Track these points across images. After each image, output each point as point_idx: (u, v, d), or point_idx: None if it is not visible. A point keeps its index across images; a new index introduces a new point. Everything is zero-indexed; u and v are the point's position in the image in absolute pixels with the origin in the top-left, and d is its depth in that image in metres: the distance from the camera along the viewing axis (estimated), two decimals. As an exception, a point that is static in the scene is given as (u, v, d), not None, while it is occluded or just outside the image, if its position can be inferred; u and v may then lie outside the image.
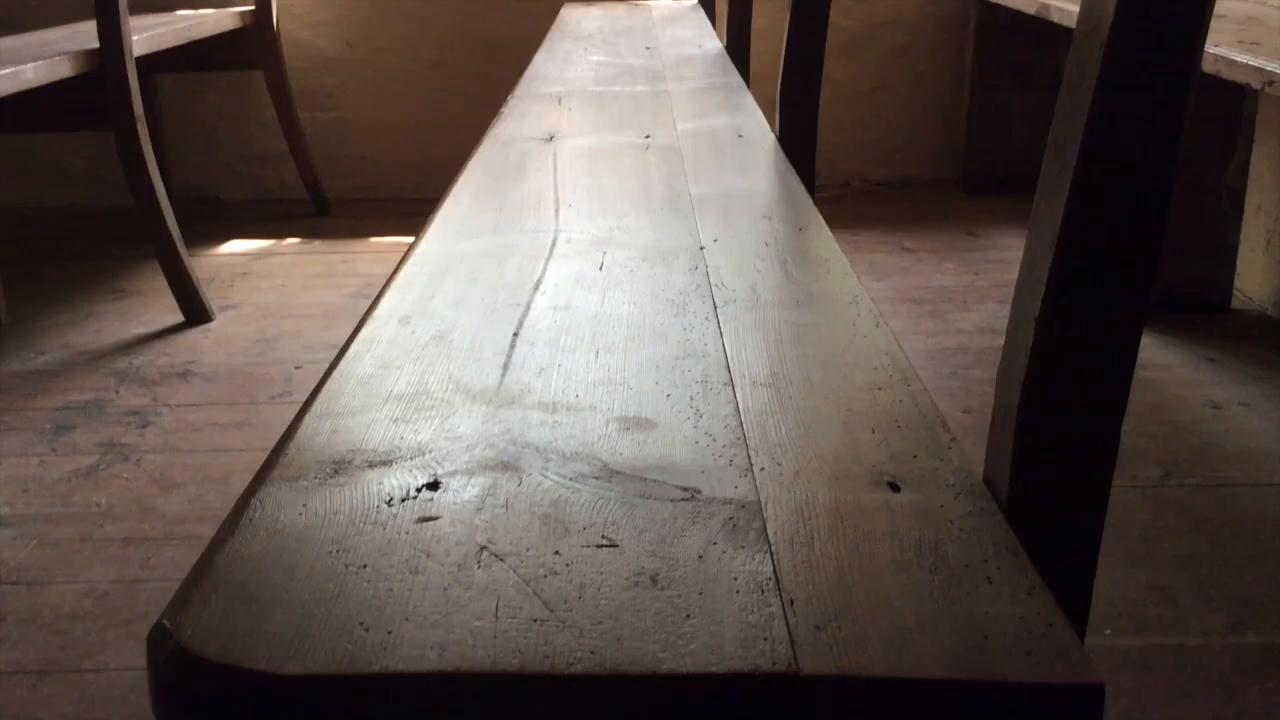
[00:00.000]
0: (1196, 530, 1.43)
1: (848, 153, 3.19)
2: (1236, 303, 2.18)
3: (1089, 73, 0.51)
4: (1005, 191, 3.00)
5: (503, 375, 0.68)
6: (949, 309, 2.26)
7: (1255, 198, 2.18)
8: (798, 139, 1.54)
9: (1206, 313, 2.12)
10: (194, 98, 3.12)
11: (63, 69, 1.99)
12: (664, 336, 0.75)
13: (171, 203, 2.23)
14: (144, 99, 2.19)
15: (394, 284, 0.85)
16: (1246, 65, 1.65)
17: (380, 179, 3.22)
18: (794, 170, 1.25)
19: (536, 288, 0.84)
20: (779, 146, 1.37)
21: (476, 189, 1.16)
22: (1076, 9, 0.57)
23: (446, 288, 0.84)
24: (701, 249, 0.95)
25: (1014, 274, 0.57)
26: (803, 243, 0.98)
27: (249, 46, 2.86)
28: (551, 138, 1.42)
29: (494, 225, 1.02)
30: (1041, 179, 0.52)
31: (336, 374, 0.67)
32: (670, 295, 0.83)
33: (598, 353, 0.72)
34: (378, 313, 0.78)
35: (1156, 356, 1.96)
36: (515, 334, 0.75)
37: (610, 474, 0.55)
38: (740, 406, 0.63)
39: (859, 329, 0.76)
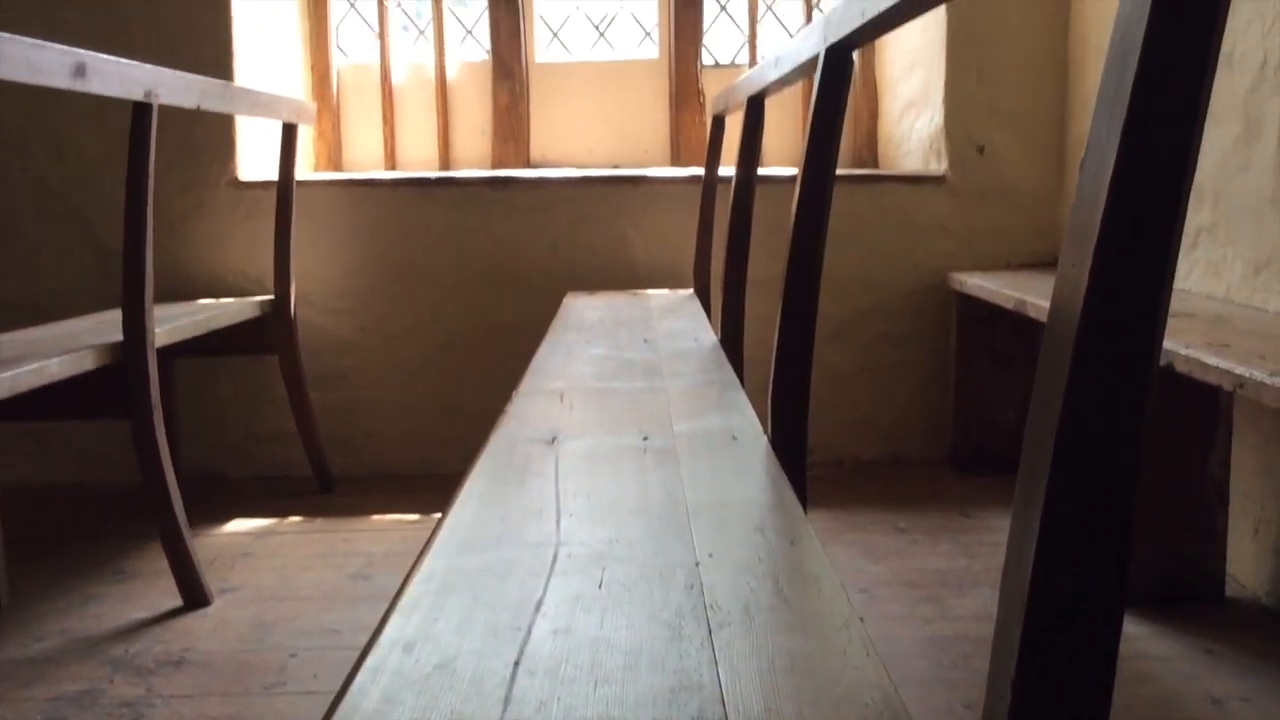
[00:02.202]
0: (1208, 839, 1.40)
1: (839, 432, 3.27)
2: (1232, 590, 2.19)
3: (1059, 376, 0.57)
4: (994, 471, 3.06)
5: (504, 710, 0.70)
6: (946, 594, 2.27)
7: (1240, 485, 2.23)
8: (789, 429, 1.59)
9: (1201, 601, 2.12)
10: (208, 380, 3.23)
11: (86, 362, 2.08)
12: (661, 665, 0.77)
13: (179, 481, 2.28)
14: (160, 385, 2.27)
15: (399, 606, 0.88)
16: (1217, 368, 1.73)
17: (386, 456, 3.29)
18: (785, 476, 1.30)
19: (538, 609, 0.87)
20: (771, 450, 1.43)
21: (481, 496, 1.21)
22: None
23: (450, 608, 0.87)
24: (697, 564, 0.98)
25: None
26: (794, 558, 1.01)
27: (266, 333, 2.99)
28: (554, 439, 1.48)
29: (497, 537, 1.06)
30: (1007, 562, 0.57)
31: (341, 711, 0.69)
32: (667, 617, 0.86)
33: (596, 684, 0.74)
34: (383, 639, 0.81)
35: (1153, 647, 1.96)
36: (516, 662, 0.77)
37: (607, 826, 0.57)
38: (734, 747, 0.65)
39: (850, 658, 0.78)
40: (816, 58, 1.52)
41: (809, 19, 3.66)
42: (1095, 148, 0.57)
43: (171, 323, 2.48)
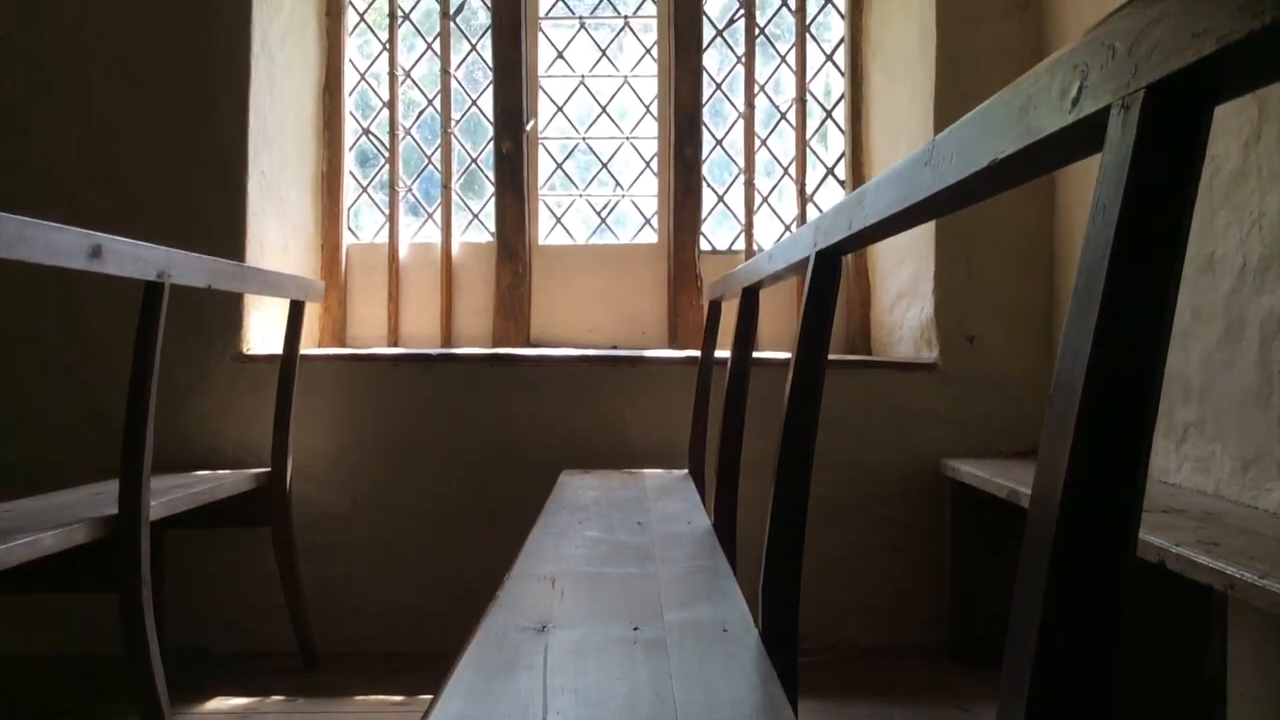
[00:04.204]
0: None
1: (834, 617, 3.23)
2: (1235, 794, 2.13)
3: (1039, 573, 0.58)
4: (992, 662, 3.01)
5: None
6: (942, 793, 2.20)
7: (1238, 685, 2.19)
8: (780, 621, 1.57)
9: (1204, 807, 2.07)
10: (199, 550, 3.21)
11: (79, 536, 2.08)
12: None
13: (162, 654, 2.24)
14: (151, 557, 2.26)
15: (381, 810, 0.86)
16: (1207, 567, 1.73)
17: (372, 632, 3.24)
18: (775, 673, 1.30)
19: (520, 817, 0.86)
20: (761, 644, 1.42)
21: (468, 691, 1.20)
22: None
23: (432, 815, 0.86)
24: (683, 771, 0.97)
25: None
26: (782, 765, 1.00)
27: (261, 505, 2.99)
28: (544, 628, 1.47)
29: (482, 736, 1.05)
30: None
31: None
32: (651, 829, 0.85)
33: None
34: (363, 847, 0.79)
35: None
36: None
37: None
38: None
39: None
40: (808, 259, 1.58)
41: (801, 213, 3.79)
42: (1062, 388, 0.60)
43: (167, 495, 2.49)
